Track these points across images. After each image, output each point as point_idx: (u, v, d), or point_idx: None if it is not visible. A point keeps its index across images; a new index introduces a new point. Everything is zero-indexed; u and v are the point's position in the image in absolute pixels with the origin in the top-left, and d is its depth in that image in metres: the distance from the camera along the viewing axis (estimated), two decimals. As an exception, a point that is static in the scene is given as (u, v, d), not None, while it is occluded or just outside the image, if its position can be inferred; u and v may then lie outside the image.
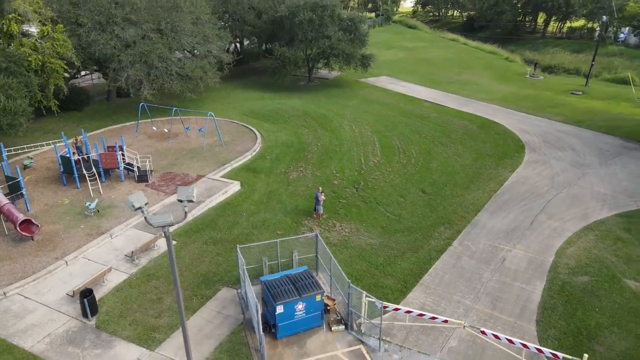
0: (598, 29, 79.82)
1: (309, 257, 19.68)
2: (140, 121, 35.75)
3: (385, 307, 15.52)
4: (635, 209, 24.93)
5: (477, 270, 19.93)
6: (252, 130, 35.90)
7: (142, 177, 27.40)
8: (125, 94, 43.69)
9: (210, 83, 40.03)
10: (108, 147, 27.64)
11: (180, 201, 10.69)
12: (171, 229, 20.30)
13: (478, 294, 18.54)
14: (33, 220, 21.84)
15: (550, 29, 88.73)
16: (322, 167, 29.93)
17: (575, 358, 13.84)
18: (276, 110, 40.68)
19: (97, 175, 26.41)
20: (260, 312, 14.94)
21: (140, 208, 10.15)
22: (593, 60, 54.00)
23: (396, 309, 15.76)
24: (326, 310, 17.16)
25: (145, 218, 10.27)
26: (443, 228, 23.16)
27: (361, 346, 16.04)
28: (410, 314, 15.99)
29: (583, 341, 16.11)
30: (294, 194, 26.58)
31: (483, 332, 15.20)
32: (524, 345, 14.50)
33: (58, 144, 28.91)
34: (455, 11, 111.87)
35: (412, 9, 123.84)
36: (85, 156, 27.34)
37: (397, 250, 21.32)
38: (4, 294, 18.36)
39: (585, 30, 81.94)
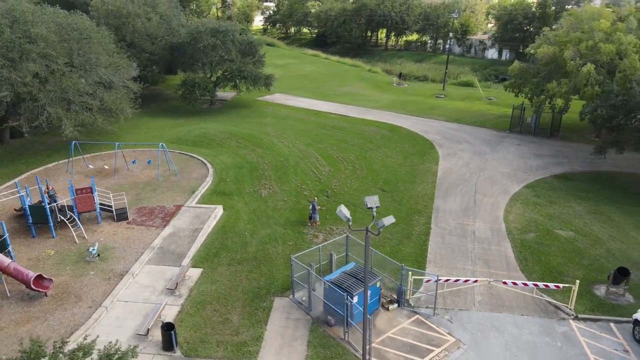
0: (430, 41, 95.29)
1: (341, 256, 22.67)
2: (61, 161, 33.81)
3: (439, 280, 19.61)
4: (533, 181, 33.12)
5: (461, 243, 25.22)
6: (193, 157, 36.53)
7: (121, 215, 26.86)
8: (18, 134, 39.84)
9: (130, 114, 39.25)
10: (77, 190, 26.35)
11: (370, 208, 13.31)
12: (190, 257, 21.78)
13: (472, 260, 23.76)
14: (44, 275, 20.67)
15: (390, 42, 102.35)
16: (284, 182, 32.57)
17: (569, 285, 19.75)
18: (203, 135, 41.52)
19: (77, 221, 25.23)
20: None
21: (371, 208, 12.79)
22: (446, 69, 65.41)
23: (447, 280, 19.99)
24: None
25: (373, 217, 12.90)
26: (417, 216, 28.09)
27: (417, 316, 19.84)
28: (448, 281, 20.34)
29: (556, 276, 22.32)
30: (277, 209, 28.92)
31: (504, 283, 20.32)
32: (535, 285, 19.99)
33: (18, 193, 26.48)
34: (305, 28, 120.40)
35: (262, 26, 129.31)
36: (61, 203, 25.82)
37: (394, 240, 25.49)
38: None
39: (419, 43, 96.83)
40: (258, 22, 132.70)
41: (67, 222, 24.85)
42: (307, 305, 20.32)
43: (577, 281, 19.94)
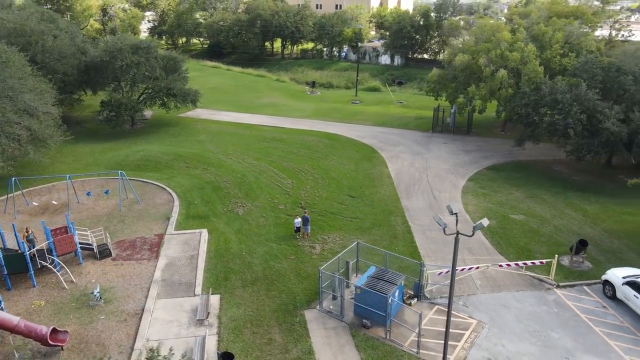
0: (326, 49, 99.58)
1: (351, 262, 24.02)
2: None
3: (468, 268, 22.12)
4: (472, 174, 37.49)
5: (442, 237, 28.01)
6: (147, 182, 34.84)
7: (104, 252, 25.14)
8: None
9: (59, 141, 36.15)
10: (52, 230, 24.00)
11: (454, 213, 14.95)
12: (199, 285, 21.85)
13: (459, 250, 26.65)
14: (58, 328, 18.94)
15: (286, 51, 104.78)
16: (253, 198, 32.78)
17: (550, 259, 23.55)
18: (145, 158, 39.53)
19: (62, 264, 23.11)
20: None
21: (456, 213, 14.27)
22: (357, 76, 69.42)
23: (462, 269, 22.54)
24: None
25: (457, 221, 14.33)
26: (393, 217, 30.44)
27: (437, 306, 22.06)
28: (463, 270, 22.86)
29: (528, 254, 26.10)
30: (260, 226, 29.24)
31: (500, 266, 23.47)
32: (525, 264, 23.46)
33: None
34: (195, 39, 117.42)
35: (147, 38, 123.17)
36: (38, 247, 23.35)
37: (384, 241, 27.49)
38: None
39: (316, 51, 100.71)
40: (142, 33, 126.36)
41: (52, 267, 22.66)
42: (338, 313, 21.39)
43: (556, 255, 23.87)
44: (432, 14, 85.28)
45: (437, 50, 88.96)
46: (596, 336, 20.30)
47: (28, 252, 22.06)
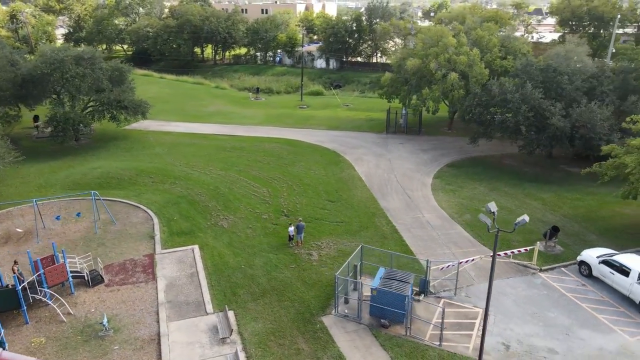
0: (260, 54, 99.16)
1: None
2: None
3: (460, 263, 23.51)
4: (436, 172, 39.63)
5: (427, 233, 29.62)
6: (116, 200, 33.03)
7: (96, 279, 23.69)
8: None
9: (9, 163, 33.43)
10: (39, 260, 22.20)
11: (492, 212, 16.04)
12: (209, 302, 21.88)
13: (446, 244, 28.35)
14: (76, 364, 17.77)
15: (218, 56, 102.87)
16: (234, 210, 32.34)
17: (532, 246, 25.83)
18: (105, 175, 37.37)
19: (57, 296, 21.49)
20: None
21: (493, 212, 15.29)
22: (302, 81, 70.04)
23: (466, 261, 24.01)
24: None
25: (494, 219, 15.35)
26: (376, 218, 31.51)
27: (443, 300, 23.37)
28: (464, 263, 24.34)
29: (507, 243, 28.31)
30: (250, 237, 29.02)
31: (492, 256, 25.28)
32: (512, 252, 25.52)
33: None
34: (117, 46, 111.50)
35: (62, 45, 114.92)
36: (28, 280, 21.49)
37: (375, 242, 28.44)
38: None
39: (249, 56, 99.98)
40: (58, 41, 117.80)
41: (49, 301, 21.00)
42: (355, 316, 21.97)
43: (538, 242, 26.21)
44: (363, 18, 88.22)
45: (369, 53, 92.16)
46: (585, 312, 22.68)
47: (20, 287, 20.28)
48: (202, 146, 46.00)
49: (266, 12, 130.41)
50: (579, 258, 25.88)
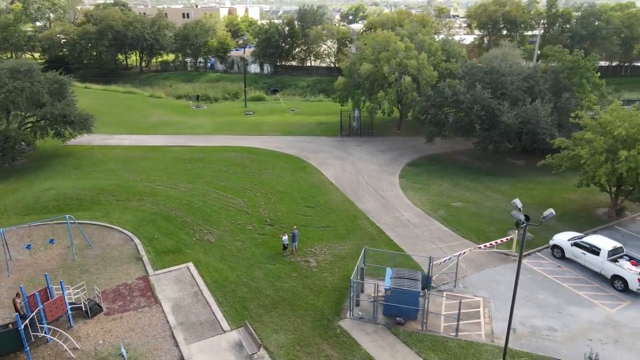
0: (190, 59, 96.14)
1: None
2: None
3: (460, 255, 25.09)
4: (400, 171, 41.36)
5: (410, 231, 31.00)
6: (84, 223, 30.82)
7: (94, 309, 22.23)
8: None
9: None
10: (30, 296, 20.36)
11: (519, 208, 17.38)
12: (223, 320, 22.19)
13: (431, 240, 29.89)
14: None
15: (144, 64, 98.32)
16: (216, 223, 31.62)
17: (509, 236, 28.13)
18: (62, 197, 34.71)
19: (61, 331, 19.90)
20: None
21: (519, 208, 16.61)
22: (245, 87, 69.15)
23: (464, 252, 25.59)
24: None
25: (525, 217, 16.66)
26: (359, 221, 32.38)
27: (445, 293, 24.78)
28: (448, 259, 25.89)
29: (483, 234, 30.56)
30: (241, 250, 28.66)
31: (479, 247, 27.24)
32: (496, 242, 27.62)
33: None
34: (27, 54, 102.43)
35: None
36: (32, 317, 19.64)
37: (365, 243, 29.22)
38: None
39: (179, 62, 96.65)
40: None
41: (56, 339, 19.40)
42: (371, 317, 22.66)
43: (516, 231, 28.55)
44: (296, 23, 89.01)
45: (303, 57, 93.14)
46: (568, 290, 25.21)
47: (22, 325, 18.55)
48: (157, 159, 44.12)
49: (187, 17, 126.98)
50: (551, 242, 28.62)
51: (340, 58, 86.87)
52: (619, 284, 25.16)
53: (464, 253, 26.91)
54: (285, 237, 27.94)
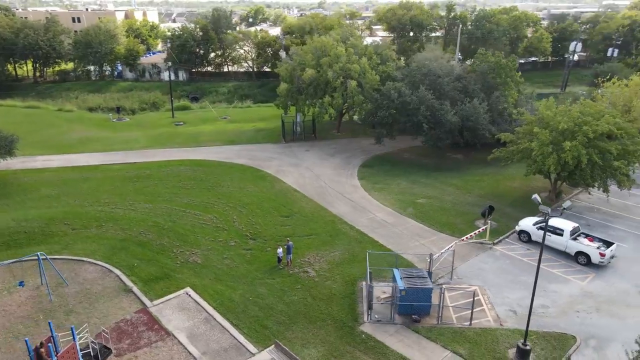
0: (94, 68, 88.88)
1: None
2: None
3: (450, 247, 26.67)
4: (357, 173, 42.54)
5: (391, 231, 32.21)
6: (48, 259, 27.60)
7: (104, 351, 20.23)
8: None
9: None
10: (35, 349, 17.98)
11: (536, 200, 19.02)
12: (246, 342, 21.75)
13: (412, 237, 31.37)
14: None
15: (39, 74, 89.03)
16: (194, 243, 30.18)
17: (485, 226, 30.59)
18: (5, 231, 30.64)
19: (82, 382, 17.89)
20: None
21: (539, 202, 18.24)
22: (171, 97, 65.66)
23: (448, 248, 27.12)
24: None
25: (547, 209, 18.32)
26: (339, 225, 32.89)
27: (444, 285, 26.16)
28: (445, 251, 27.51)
29: (451, 226, 32.74)
30: (234, 267, 27.81)
31: (462, 240, 29.24)
32: (475, 234, 29.83)
33: None
34: None
35: None
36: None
37: (355, 246, 29.95)
38: None
39: (81, 72, 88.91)
40: None
41: (76, 390, 17.37)
42: (389, 318, 23.39)
43: (489, 222, 31.04)
44: (209, 28, 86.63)
45: (219, 62, 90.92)
46: (543, 270, 27.98)
47: (42, 384, 16.39)
48: (100, 180, 40.64)
49: (78, 21, 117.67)
50: (517, 228, 31.62)
51: (259, 62, 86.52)
52: (582, 259, 28.65)
53: (452, 247, 28.74)
54: (280, 250, 27.59)
